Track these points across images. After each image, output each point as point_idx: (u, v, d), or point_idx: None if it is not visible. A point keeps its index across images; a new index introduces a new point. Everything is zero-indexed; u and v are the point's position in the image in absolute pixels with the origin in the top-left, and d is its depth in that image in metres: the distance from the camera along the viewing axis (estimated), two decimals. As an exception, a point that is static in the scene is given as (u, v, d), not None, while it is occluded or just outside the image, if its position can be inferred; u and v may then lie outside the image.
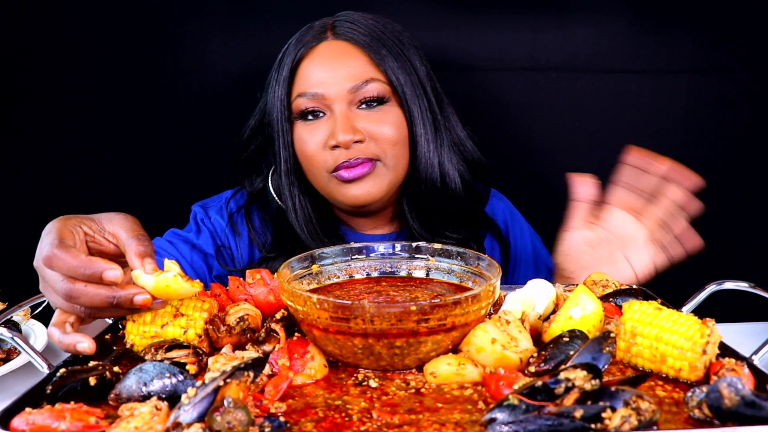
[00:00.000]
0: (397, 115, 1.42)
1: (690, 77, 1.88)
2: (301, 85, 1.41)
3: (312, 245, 1.45)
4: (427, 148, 1.44)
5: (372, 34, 1.41)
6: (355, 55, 1.40)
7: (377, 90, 1.39)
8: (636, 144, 1.91)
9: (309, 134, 1.41)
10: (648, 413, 0.76)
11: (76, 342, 0.94)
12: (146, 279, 0.95)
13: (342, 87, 1.38)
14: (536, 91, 1.90)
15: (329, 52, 1.41)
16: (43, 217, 1.14)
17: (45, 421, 0.77)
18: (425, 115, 1.43)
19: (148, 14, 1.80)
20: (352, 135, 1.36)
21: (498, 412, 0.78)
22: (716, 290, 1.24)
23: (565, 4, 1.86)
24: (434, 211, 1.49)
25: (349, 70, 1.39)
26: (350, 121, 1.38)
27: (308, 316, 0.94)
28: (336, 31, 1.43)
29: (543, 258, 1.68)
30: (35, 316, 1.37)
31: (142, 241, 0.98)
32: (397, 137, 1.41)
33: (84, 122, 1.84)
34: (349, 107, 1.40)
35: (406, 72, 1.41)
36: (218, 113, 1.87)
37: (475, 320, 0.97)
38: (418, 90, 1.42)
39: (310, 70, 1.41)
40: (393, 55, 1.40)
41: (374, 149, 1.40)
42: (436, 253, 1.18)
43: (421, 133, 1.43)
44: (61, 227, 0.97)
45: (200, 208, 1.59)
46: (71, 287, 0.92)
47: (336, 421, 0.81)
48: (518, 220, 1.70)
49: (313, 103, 1.40)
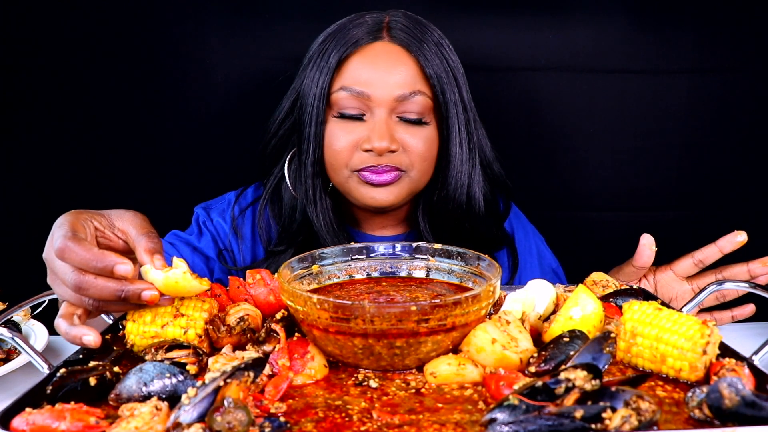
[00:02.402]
0: (432, 131, 1.41)
1: (690, 77, 1.88)
2: (347, 79, 1.38)
3: (327, 239, 1.44)
4: (461, 169, 1.43)
5: (425, 42, 1.38)
6: (407, 63, 1.38)
7: (420, 105, 1.37)
8: (636, 144, 1.92)
9: (343, 131, 1.39)
10: (648, 413, 0.76)
11: (82, 334, 0.94)
12: (155, 275, 0.95)
13: (389, 92, 1.36)
14: (536, 91, 1.90)
15: (384, 54, 1.38)
16: (43, 217, 1.14)
17: (45, 421, 0.77)
18: (462, 135, 1.42)
19: (148, 15, 1.80)
20: (388, 143, 1.35)
21: (498, 412, 0.78)
22: (716, 290, 1.24)
23: (565, 4, 1.85)
24: (452, 230, 1.48)
25: (399, 78, 1.36)
26: (390, 129, 1.36)
27: (308, 316, 0.94)
28: (392, 33, 1.39)
29: (547, 259, 1.67)
30: (35, 316, 1.37)
31: (152, 237, 0.99)
32: (427, 153, 1.41)
33: (84, 122, 1.83)
34: (390, 115, 1.38)
35: (452, 88, 1.40)
36: (219, 114, 1.87)
37: (476, 320, 0.97)
38: (459, 108, 1.41)
39: (360, 66, 1.37)
40: (442, 68, 1.38)
41: (404, 161, 1.39)
42: (437, 253, 1.18)
43: (457, 153, 1.42)
44: (73, 220, 0.98)
45: (202, 210, 1.58)
46: (81, 279, 0.92)
47: (336, 422, 0.81)
48: (522, 222, 1.70)
49: (355, 101, 1.37)
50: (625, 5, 1.85)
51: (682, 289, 1.44)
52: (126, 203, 1.32)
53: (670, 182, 1.94)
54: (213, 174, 1.85)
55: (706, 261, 1.40)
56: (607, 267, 1.46)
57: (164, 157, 1.88)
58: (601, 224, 1.97)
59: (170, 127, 1.87)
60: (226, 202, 1.59)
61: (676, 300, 1.44)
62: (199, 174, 1.88)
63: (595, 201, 1.97)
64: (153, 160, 1.88)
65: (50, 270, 0.98)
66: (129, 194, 1.88)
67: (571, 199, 1.96)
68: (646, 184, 1.95)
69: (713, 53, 1.87)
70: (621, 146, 1.93)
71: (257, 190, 1.61)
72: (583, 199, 1.97)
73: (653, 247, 1.38)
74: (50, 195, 1.85)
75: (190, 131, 1.88)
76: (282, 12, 1.82)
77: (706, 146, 1.92)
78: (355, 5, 1.53)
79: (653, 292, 1.45)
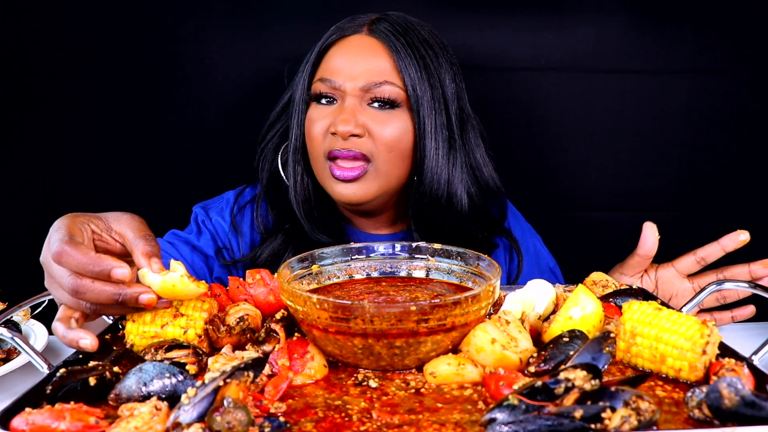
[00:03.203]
0: (405, 122, 1.42)
1: (690, 77, 1.88)
2: (323, 71, 1.44)
3: (306, 226, 1.47)
4: (436, 162, 1.43)
5: (406, 38, 1.41)
6: (380, 55, 1.41)
7: (390, 93, 1.39)
8: (636, 144, 1.92)
9: (317, 116, 1.43)
10: (648, 413, 0.76)
11: (79, 338, 0.94)
12: (153, 278, 0.95)
13: (356, 83, 1.39)
14: (536, 91, 1.90)
15: (357, 46, 1.42)
16: (43, 217, 1.14)
17: (45, 421, 0.77)
18: (439, 131, 1.42)
19: (148, 15, 1.80)
20: (351, 128, 1.37)
21: (498, 412, 0.78)
22: (716, 290, 1.24)
23: (565, 4, 1.85)
24: (436, 226, 1.49)
25: (368, 68, 1.39)
26: (354, 114, 1.39)
27: (308, 316, 0.94)
28: (372, 27, 1.43)
29: (545, 259, 1.68)
30: (35, 316, 1.37)
31: (149, 241, 0.99)
32: (395, 143, 1.41)
33: (84, 122, 1.83)
34: (360, 102, 1.41)
35: (429, 84, 1.40)
36: (219, 114, 1.87)
37: (475, 320, 0.97)
38: (438, 104, 1.41)
39: (334, 58, 1.43)
40: (420, 64, 1.40)
41: (369, 146, 1.40)
42: (436, 253, 1.18)
43: (432, 146, 1.42)
44: (70, 224, 0.98)
45: (201, 209, 1.59)
46: (78, 283, 0.92)
47: (336, 422, 0.81)
48: (519, 222, 1.70)
49: (328, 89, 1.42)
50: (625, 5, 1.85)
51: (683, 286, 1.44)
52: (125, 202, 1.33)
53: (670, 182, 1.94)
54: (212, 173, 1.85)
55: (708, 259, 1.41)
56: (607, 267, 1.46)
57: (164, 156, 1.88)
58: (601, 224, 1.97)
59: (170, 127, 1.87)
60: (225, 201, 1.60)
61: (676, 297, 1.44)
62: (199, 173, 1.88)
63: (595, 201, 1.97)
64: (153, 159, 1.88)
65: (47, 273, 0.98)
66: (128, 193, 1.88)
67: (570, 199, 1.96)
68: (646, 184, 1.95)
69: (713, 53, 1.87)
70: (621, 146, 1.93)
71: (255, 189, 1.62)
72: (583, 198, 1.97)
73: (656, 233, 1.39)
74: (51, 194, 1.85)
75: (190, 131, 1.88)
76: (282, 12, 1.82)
77: (706, 146, 1.92)
78: (355, 5, 1.53)
79: (654, 288, 1.45)
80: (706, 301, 1.41)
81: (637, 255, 1.42)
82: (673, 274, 1.44)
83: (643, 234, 1.40)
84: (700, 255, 1.41)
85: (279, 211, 1.54)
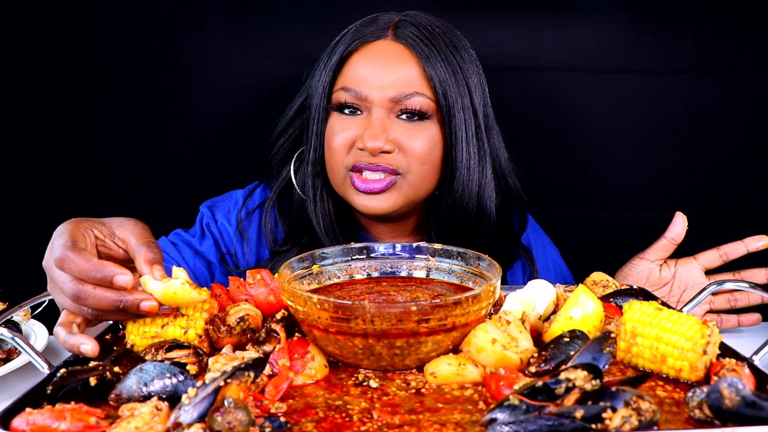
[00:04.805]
0: (434, 133, 1.36)
1: (690, 77, 1.88)
2: (347, 79, 1.35)
3: (326, 241, 1.42)
4: (468, 176, 1.37)
5: (434, 43, 1.33)
6: (408, 63, 1.33)
7: (421, 104, 1.33)
8: (636, 144, 1.92)
9: (340, 127, 1.36)
10: (648, 413, 0.76)
11: (80, 343, 0.94)
12: (154, 285, 0.95)
13: (385, 93, 1.32)
14: (536, 91, 1.90)
15: (384, 53, 1.34)
16: (43, 218, 1.14)
17: (45, 422, 0.77)
18: (471, 141, 1.36)
19: (148, 15, 1.80)
20: (381, 144, 1.31)
21: (498, 412, 0.78)
22: (716, 290, 1.25)
23: (565, 4, 1.85)
24: (458, 238, 1.42)
25: (398, 78, 1.32)
26: (384, 128, 1.33)
27: (309, 316, 0.94)
28: (397, 32, 1.35)
29: (563, 273, 1.65)
30: (35, 316, 1.36)
31: (152, 248, 0.99)
32: (427, 155, 1.35)
33: (85, 122, 1.83)
34: (388, 114, 1.34)
35: (459, 92, 1.34)
36: (220, 114, 1.86)
37: (476, 320, 0.97)
38: (468, 113, 1.35)
39: (359, 66, 1.35)
40: (449, 71, 1.33)
41: (401, 162, 1.34)
42: (437, 253, 1.18)
43: (463, 158, 1.36)
44: (73, 229, 0.98)
45: (207, 209, 1.55)
46: (80, 288, 0.92)
47: (336, 422, 0.81)
48: (540, 237, 1.66)
49: (353, 100, 1.35)
50: (625, 5, 1.85)
51: (699, 280, 1.44)
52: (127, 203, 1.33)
53: (670, 182, 1.94)
54: (215, 173, 1.85)
55: (731, 255, 1.41)
56: (607, 267, 1.45)
57: (165, 156, 1.88)
58: (601, 224, 1.97)
59: (171, 127, 1.87)
60: (233, 202, 1.55)
61: (691, 289, 1.43)
62: (202, 173, 1.87)
63: (595, 201, 1.97)
64: (154, 160, 1.88)
65: (50, 278, 0.98)
66: (130, 194, 1.87)
67: (570, 199, 1.96)
68: (646, 184, 1.95)
69: (713, 53, 1.87)
70: (621, 146, 1.93)
71: (265, 191, 1.57)
72: (583, 198, 1.97)
73: (686, 223, 1.41)
74: (51, 195, 1.85)
75: (191, 131, 1.88)
76: (283, 13, 1.82)
77: (706, 146, 1.92)
78: (356, 6, 1.52)
79: (671, 278, 1.45)
80: (718, 303, 1.42)
81: (665, 238, 1.42)
82: (693, 266, 1.44)
83: (675, 220, 1.41)
84: (723, 250, 1.42)
85: (292, 223, 1.49)
